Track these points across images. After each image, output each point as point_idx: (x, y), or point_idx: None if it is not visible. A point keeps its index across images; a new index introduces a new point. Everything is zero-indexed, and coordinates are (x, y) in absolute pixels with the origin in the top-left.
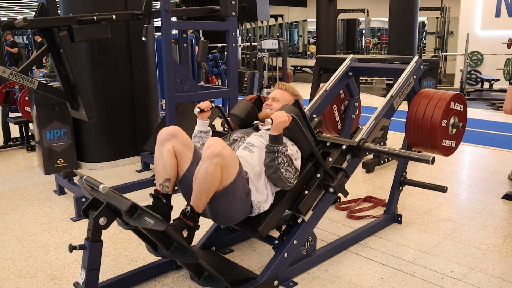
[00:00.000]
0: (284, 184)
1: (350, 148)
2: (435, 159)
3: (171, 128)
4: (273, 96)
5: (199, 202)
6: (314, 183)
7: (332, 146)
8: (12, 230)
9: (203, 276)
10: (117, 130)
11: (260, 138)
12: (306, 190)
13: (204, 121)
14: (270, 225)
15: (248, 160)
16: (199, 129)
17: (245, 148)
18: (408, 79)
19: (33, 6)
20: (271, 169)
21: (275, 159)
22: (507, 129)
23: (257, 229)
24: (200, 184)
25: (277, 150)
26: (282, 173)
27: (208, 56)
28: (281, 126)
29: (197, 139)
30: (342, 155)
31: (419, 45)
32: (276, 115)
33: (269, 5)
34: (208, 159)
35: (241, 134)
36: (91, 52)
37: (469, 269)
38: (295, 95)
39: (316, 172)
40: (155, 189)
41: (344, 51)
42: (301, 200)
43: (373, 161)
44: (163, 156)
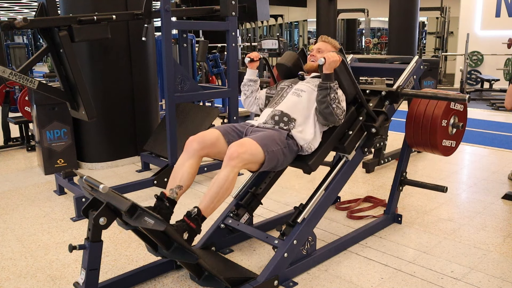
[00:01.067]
0: (335, 119)
1: (389, 94)
2: (435, 159)
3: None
4: (317, 47)
5: (209, 206)
6: (358, 125)
7: (371, 93)
8: (12, 230)
9: (203, 276)
10: (117, 130)
11: (308, 84)
12: (350, 131)
13: (254, 70)
14: (319, 160)
15: (297, 105)
16: (249, 78)
17: (294, 93)
18: (408, 79)
19: (33, 6)
20: (324, 104)
21: (327, 95)
22: (507, 129)
23: (308, 163)
24: (216, 188)
25: (329, 87)
26: (333, 108)
27: (208, 56)
28: (333, 65)
29: (246, 87)
30: (381, 101)
31: (419, 45)
32: (328, 54)
33: (269, 5)
34: (229, 166)
35: (289, 83)
36: (91, 52)
37: (469, 269)
38: (337, 47)
39: (358, 115)
40: (161, 192)
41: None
42: (346, 140)
43: (373, 161)
44: (185, 165)
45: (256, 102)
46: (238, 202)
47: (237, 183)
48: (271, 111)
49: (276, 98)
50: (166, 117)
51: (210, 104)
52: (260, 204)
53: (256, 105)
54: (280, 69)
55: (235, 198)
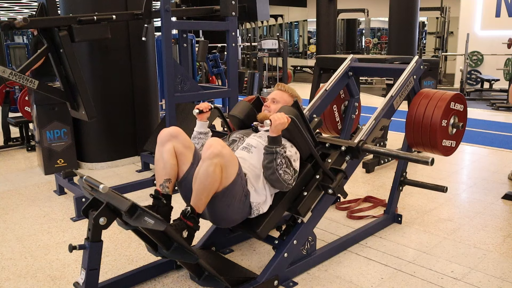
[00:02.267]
0: (282, 186)
1: (349, 149)
2: (435, 159)
3: (172, 129)
4: (272, 97)
5: (199, 202)
6: (313, 185)
7: (331, 147)
8: (12, 230)
9: (203, 276)
10: (117, 130)
11: (259, 139)
12: (305, 191)
13: (204, 122)
14: (269, 226)
15: (247, 161)
16: (198, 130)
17: (244, 148)
18: (408, 79)
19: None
20: (269, 170)
21: (273, 160)
22: (507, 129)
23: (255, 230)
24: (200, 184)
25: (275, 151)
26: (280, 174)
27: (208, 56)
28: (280, 127)
29: (196, 140)
30: (341, 156)
31: (419, 45)
32: (275, 116)
33: (269, 5)
34: (208, 159)
35: (240, 135)
36: (91, 52)
37: (469, 269)
38: (294, 96)
39: (315, 173)
40: (155, 190)
41: (344, 51)
42: (300, 202)
43: (373, 161)
44: (164, 157)
45: None
46: None
47: None
48: None
49: None
50: (166, 117)
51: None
52: None
53: None
54: (233, 120)
55: None
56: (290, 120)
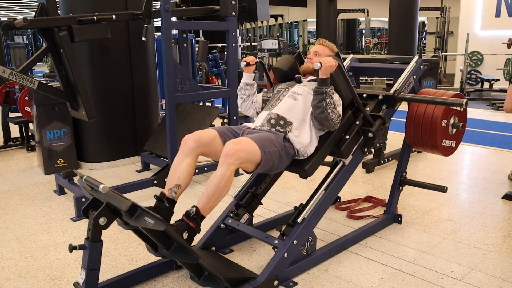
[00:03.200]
0: (330, 124)
1: (386, 98)
2: (435, 159)
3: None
4: (314, 50)
5: (207, 205)
6: (354, 129)
7: (368, 97)
8: (12, 230)
9: (203, 276)
10: (117, 130)
11: (304, 87)
12: (346, 135)
13: (250, 74)
14: (316, 164)
15: (293, 108)
16: (245, 82)
17: (290, 96)
18: (408, 79)
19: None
20: (319, 109)
21: (323, 100)
22: (507, 129)
23: (304, 167)
24: (213, 187)
25: (325, 91)
26: (329, 113)
27: (208, 56)
28: (329, 70)
29: (243, 91)
30: (378, 105)
31: (419, 45)
32: (325, 59)
33: (269, 5)
34: (226, 164)
35: (285, 85)
36: (91, 52)
37: (469, 269)
38: (334, 50)
39: (355, 119)
40: (160, 192)
41: (344, 51)
42: (342, 144)
43: (373, 161)
44: (182, 164)
45: (253, 106)
46: (238, 202)
47: (237, 183)
48: (267, 114)
49: (272, 101)
50: (166, 117)
51: (210, 104)
52: (260, 204)
53: (253, 109)
54: (276, 73)
55: (235, 198)
56: (337, 64)
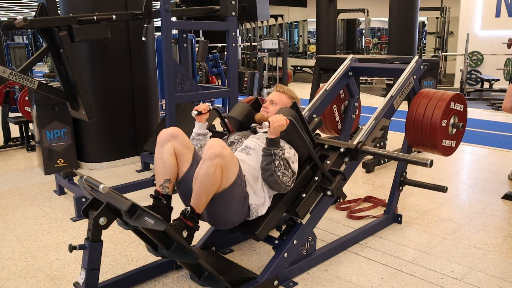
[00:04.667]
0: (281, 188)
1: (348, 151)
2: (435, 159)
3: (171, 129)
4: (271, 98)
5: (199, 202)
6: (312, 186)
7: (330, 148)
8: (12, 230)
9: (203, 276)
10: (117, 130)
11: (258, 140)
12: (304, 193)
13: (202, 124)
14: (267, 228)
15: (246, 163)
16: (197, 132)
17: (242, 150)
18: (408, 79)
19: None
20: (268, 172)
21: (271, 162)
22: (507, 129)
23: (254, 232)
24: (200, 184)
25: (273, 153)
26: (278, 176)
27: (208, 56)
28: (278, 129)
29: (195, 142)
30: (340, 158)
31: (419, 45)
32: (273, 118)
33: (269, 5)
34: (209, 159)
35: (239, 136)
36: (91, 52)
37: (469, 269)
38: (293, 98)
39: (314, 175)
40: (155, 190)
41: (344, 51)
42: (298, 203)
43: (373, 161)
44: (163, 157)
45: None
46: None
47: None
48: None
49: None
50: (166, 117)
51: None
52: None
53: None
54: (231, 122)
55: None
56: (289, 122)
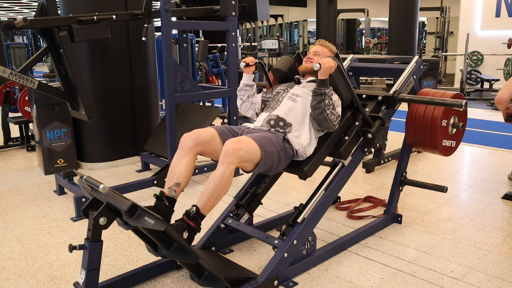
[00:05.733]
0: (329, 125)
1: (386, 99)
2: (435, 159)
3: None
4: (314, 50)
5: (207, 204)
6: (354, 130)
7: (368, 98)
8: (12, 230)
9: (203, 276)
10: (117, 130)
11: (303, 88)
12: (346, 136)
13: (250, 75)
14: (315, 166)
15: (293, 110)
16: (245, 83)
17: (289, 98)
18: (408, 79)
19: (33, 6)
20: (318, 110)
21: (322, 101)
22: (507, 129)
23: (303, 169)
24: (213, 186)
25: (324, 92)
26: (327, 114)
27: (208, 56)
28: (328, 71)
29: (242, 92)
30: (377, 106)
31: (419, 45)
32: (324, 60)
33: (269, 5)
34: (226, 163)
35: (284, 87)
36: (91, 52)
37: (469, 269)
38: (334, 51)
39: (354, 120)
40: (160, 191)
41: (344, 51)
42: (342, 145)
43: (373, 161)
44: (181, 163)
45: (253, 107)
46: (238, 202)
47: (237, 183)
48: (267, 115)
49: (272, 103)
50: (166, 117)
51: (210, 104)
52: (260, 204)
53: (252, 110)
54: (276, 73)
55: (235, 198)
56: (337, 65)
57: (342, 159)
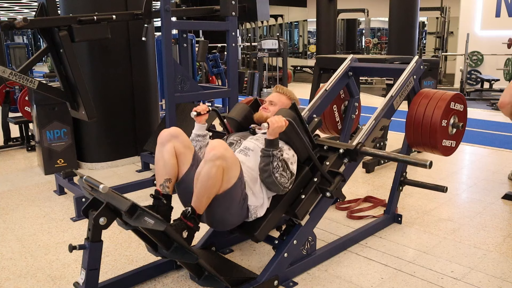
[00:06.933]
0: (278, 189)
1: (348, 152)
2: (435, 159)
3: (172, 129)
4: (270, 99)
5: (200, 203)
6: (311, 187)
7: (329, 149)
8: (12, 230)
9: (203, 276)
10: (117, 130)
11: (257, 141)
12: (303, 194)
13: (202, 125)
14: (266, 229)
15: (245, 164)
16: (196, 133)
17: (241, 151)
18: (408, 79)
19: (33, 6)
20: (266, 173)
21: (270, 163)
22: (507, 129)
23: (253, 233)
24: (201, 185)
25: (272, 154)
26: (276, 177)
27: (208, 56)
28: (277, 130)
29: (194, 143)
30: (339, 159)
31: (419, 45)
32: (272, 119)
33: (269, 5)
34: (211, 161)
35: (238, 137)
36: (91, 52)
37: (469, 269)
38: (292, 98)
39: (313, 176)
40: (155, 190)
41: (344, 51)
42: (297, 205)
43: (373, 161)
44: (164, 157)
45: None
46: None
47: None
48: None
49: None
50: (166, 117)
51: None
52: None
53: None
54: (230, 123)
55: None
56: (288, 123)
57: (298, 219)
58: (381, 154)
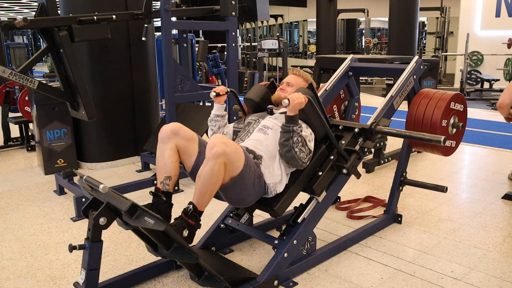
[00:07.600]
0: (297, 163)
1: (362, 131)
2: (434, 159)
3: (172, 126)
4: (287, 81)
5: (202, 200)
6: (328, 165)
7: (345, 129)
8: (12, 230)
9: (203, 276)
10: (117, 130)
11: (275, 120)
12: (320, 171)
13: (221, 105)
14: (285, 204)
15: (263, 142)
16: (216, 113)
17: (260, 130)
18: (408, 79)
19: (33, 6)
20: (286, 148)
21: (290, 138)
22: (507, 129)
23: (273, 208)
24: (204, 182)
25: (292, 130)
26: (296, 152)
27: (208, 56)
28: (297, 106)
29: (213, 123)
30: (354, 138)
31: (419, 45)
32: (293, 96)
33: (269, 5)
34: (212, 158)
35: (256, 117)
36: (91, 52)
37: (469, 269)
38: (308, 80)
39: (329, 154)
40: (155, 187)
41: (344, 51)
42: (315, 181)
43: (373, 161)
44: (164, 155)
45: None
46: None
47: None
48: None
49: (242, 134)
50: (166, 117)
51: (210, 104)
52: None
53: None
54: (248, 103)
55: None
56: (307, 100)
57: (315, 196)
58: (396, 133)
